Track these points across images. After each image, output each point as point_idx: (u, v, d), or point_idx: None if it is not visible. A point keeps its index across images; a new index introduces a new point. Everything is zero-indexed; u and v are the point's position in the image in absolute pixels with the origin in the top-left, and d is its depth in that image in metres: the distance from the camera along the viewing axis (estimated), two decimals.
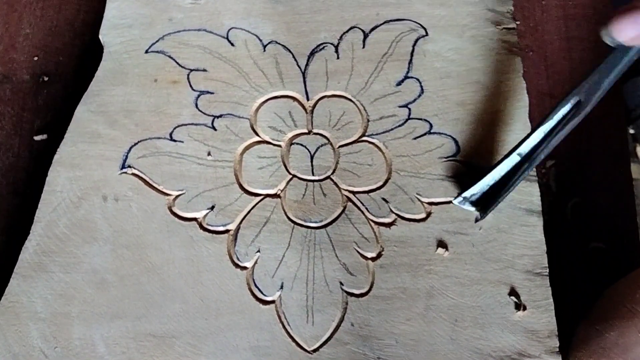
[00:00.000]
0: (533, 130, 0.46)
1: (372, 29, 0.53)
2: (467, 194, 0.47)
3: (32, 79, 0.55)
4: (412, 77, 0.52)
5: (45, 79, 0.55)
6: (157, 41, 0.52)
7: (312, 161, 0.49)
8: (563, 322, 0.45)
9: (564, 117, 0.45)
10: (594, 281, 0.48)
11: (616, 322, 0.40)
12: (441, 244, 0.46)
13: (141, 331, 0.44)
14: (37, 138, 0.52)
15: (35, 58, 0.55)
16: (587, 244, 0.50)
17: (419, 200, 0.48)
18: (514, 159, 0.47)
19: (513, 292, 0.45)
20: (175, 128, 0.50)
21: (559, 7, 0.58)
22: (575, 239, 0.50)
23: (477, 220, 0.47)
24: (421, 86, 0.51)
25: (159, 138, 0.49)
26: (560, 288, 0.46)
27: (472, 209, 0.47)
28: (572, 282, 0.48)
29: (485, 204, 0.47)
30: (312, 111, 0.51)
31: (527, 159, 0.46)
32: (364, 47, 0.53)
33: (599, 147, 0.53)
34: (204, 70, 0.51)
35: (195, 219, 0.47)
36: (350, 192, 0.48)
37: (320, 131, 0.50)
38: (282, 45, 0.53)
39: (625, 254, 0.50)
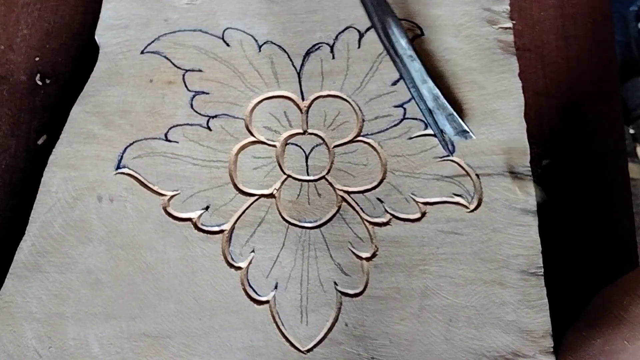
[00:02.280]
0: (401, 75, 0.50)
1: (368, 29, 0.53)
2: (445, 138, 0.49)
3: (29, 80, 0.55)
4: None
5: (43, 80, 0.55)
6: (152, 42, 0.52)
7: (307, 161, 0.49)
8: (558, 322, 0.45)
9: (389, 44, 0.50)
10: (590, 281, 0.48)
11: (603, 329, 0.40)
12: None
13: (135, 331, 0.44)
14: (40, 142, 0.52)
15: (33, 59, 0.55)
16: (583, 244, 0.50)
17: (414, 200, 0.48)
18: (420, 91, 0.49)
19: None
20: (170, 128, 0.50)
21: (556, 7, 0.58)
22: (571, 238, 0.50)
23: (469, 137, 0.49)
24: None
25: (154, 138, 0.49)
26: (556, 288, 0.46)
27: (464, 138, 0.49)
28: (568, 282, 0.48)
29: (457, 127, 0.49)
30: (307, 111, 0.51)
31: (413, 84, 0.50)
32: (359, 47, 0.53)
33: (595, 146, 0.53)
34: (200, 70, 0.51)
35: (190, 219, 0.47)
36: (345, 192, 0.48)
37: (315, 131, 0.50)
38: (278, 46, 0.53)
39: (623, 254, 0.50)
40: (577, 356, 0.41)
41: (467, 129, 0.48)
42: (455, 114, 0.49)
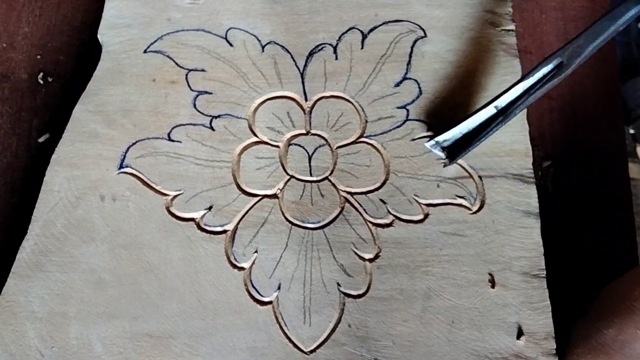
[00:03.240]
0: (512, 85, 0.47)
1: (371, 30, 0.53)
2: (439, 138, 0.48)
3: (30, 78, 0.54)
4: (410, 79, 0.52)
5: (45, 78, 0.55)
6: (155, 41, 0.52)
7: (310, 162, 0.49)
8: (560, 324, 0.45)
9: (544, 76, 0.46)
10: (592, 282, 0.48)
11: (615, 319, 0.40)
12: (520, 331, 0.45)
13: (138, 331, 0.44)
14: (41, 140, 0.52)
15: (35, 57, 0.55)
16: (584, 246, 0.50)
17: (417, 201, 0.48)
18: (489, 110, 0.48)
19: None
20: (173, 128, 0.50)
21: (557, 9, 0.58)
22: (573, 240, 0.50)
23: (445, 165, 0.49)
24: (419, 87, 0.51)
25: (156, 138, 0.49)
26: (557, 289, 0.46)
27: (442, 154, 0.49)
28: (569, 284, 0.48)
29: (455, 151, 0.48)
30: (310, 112, 0.51)
31: (502, 112, 0.47)
32: (362, 48, 0.53)
33: (596, 147, 0.53)
34: (203, 70, 0.51)
35: (192, 219, 0.47)
36: (348, 193, 0.48)
37: (319, 132, 0.50)
38: (281, 46, 0.52)
39: (623, 255, 0.50)
40: (588, 347, 0.41)
41: (448, 159, 0.48)
42: (477, 145, 0.48)
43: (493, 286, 0.45)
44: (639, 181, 1.00)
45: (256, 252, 0.46)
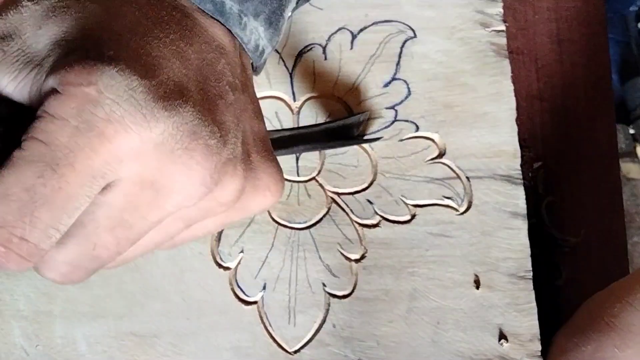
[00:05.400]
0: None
1: (361, 30, 0.53)
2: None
3: None
4: (399, 79, 0.51)
5: None
6: None
7: (297, 162, 0.49)
8: (546, 326, 0.45)
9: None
10: (579, 284, 0.48)
11: (593, 335, 0.40)
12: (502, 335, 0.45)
13: (123, 330, 0.44)
14: None
15: None
16: (572, 248, 0.50)
17: (404, 202, 0.48)
18: None
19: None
20: None
21: (550, 10, 0.58)
22: (561, 243, 0.50)
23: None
24: (408, 88, 0.51)
25: None
26: (544, 291, 0.46)
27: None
28: (556, 285, 0.48)
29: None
30: (298, 112, 0.50)
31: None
32: (351, 48, 0.52)
33: (587, 149, 0.53)
34: None
35: None
36: (335, 193, 0.48)
37: None
38: None
39: (613, 257, 0.50)
40: None
41: None
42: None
43: (478, 287, 0.45)
44: (639, 181, 1.00)
45: (242, 251, 0.46)
